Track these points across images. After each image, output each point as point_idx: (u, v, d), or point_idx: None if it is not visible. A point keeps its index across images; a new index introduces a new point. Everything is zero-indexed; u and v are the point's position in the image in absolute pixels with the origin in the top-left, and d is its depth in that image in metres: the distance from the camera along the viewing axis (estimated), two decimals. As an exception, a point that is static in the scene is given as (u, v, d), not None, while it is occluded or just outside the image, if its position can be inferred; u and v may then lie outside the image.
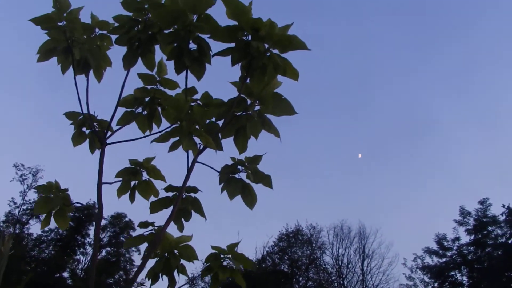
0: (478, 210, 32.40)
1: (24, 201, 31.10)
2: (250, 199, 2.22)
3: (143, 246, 2.52)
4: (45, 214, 2.66)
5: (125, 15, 2.54)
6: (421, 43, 52.02)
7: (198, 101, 2.48)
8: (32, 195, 33.40)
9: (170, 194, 2.28)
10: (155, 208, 2.28)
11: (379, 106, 50.59)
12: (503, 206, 31.16)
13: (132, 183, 2.74)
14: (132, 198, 2.72)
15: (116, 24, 2.57)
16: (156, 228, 2.32)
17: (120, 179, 2.69)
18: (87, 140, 2.77)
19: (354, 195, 50.58)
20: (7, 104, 46.87)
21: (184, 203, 2.26)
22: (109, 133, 2.59)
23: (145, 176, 2.75)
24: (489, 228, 31.67)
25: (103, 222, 31.62)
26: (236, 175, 2.26)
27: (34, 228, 31.48)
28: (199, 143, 2.10)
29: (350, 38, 51.72)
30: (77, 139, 2.73)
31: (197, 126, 2.09)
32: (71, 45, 2.40)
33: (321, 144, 51.06)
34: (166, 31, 2.37)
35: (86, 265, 30.75)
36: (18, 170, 31.50)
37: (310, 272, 32.83)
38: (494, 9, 49.99)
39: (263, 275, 28.89)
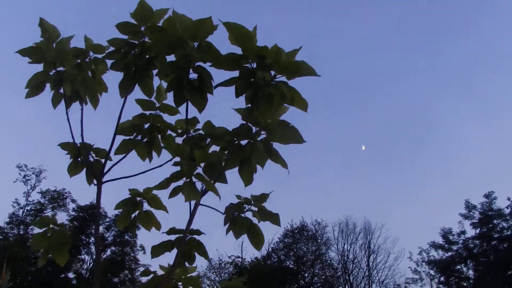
0: (483, 204, 32.30)
1: (28, 202, 31.10)
2: (256, 240, 2.08)
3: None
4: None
5: (121, 39, 2.39)
6: (423, 43, 51.67)
7: (200, 131, 2.34)
8: (36, 196, 33.45)
9: (172, 237, 2.14)
10: (156, 252, 2.14)
11: (382, 102, 50.42)
12: (509, 199, 31.07)
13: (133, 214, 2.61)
14: (133, 231, 2.58)
15: (111, 48, 2.42)
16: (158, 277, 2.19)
17: (119, 210, 2.56)
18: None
19: (359, 191, 50.49)
20: (10, 104, 46.88)
21: (187, 246, 2.12)
22: (109, 163, 2.46)
23: (146, 206, 2.61)
24: (495, 221, 31.54)
25: (108, 221, 31.61)
26: (242, 214, 2.12)
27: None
28: (201, 184, 1.95)
29: (351, 37, 51.42)
30: (73, 169, 2.57)
31: (198, 169, 1.93)
32: (62, 77, 2.23)
33: (325, 140, 50.90)
34: (164, 57, 2.22)
35: (91, 265, 30.77)
36: (22, 171, 31.50)
37: (315, 268, 32.81)
38: (496, 9, 49.54)
39: (269, 272, 28.81)
